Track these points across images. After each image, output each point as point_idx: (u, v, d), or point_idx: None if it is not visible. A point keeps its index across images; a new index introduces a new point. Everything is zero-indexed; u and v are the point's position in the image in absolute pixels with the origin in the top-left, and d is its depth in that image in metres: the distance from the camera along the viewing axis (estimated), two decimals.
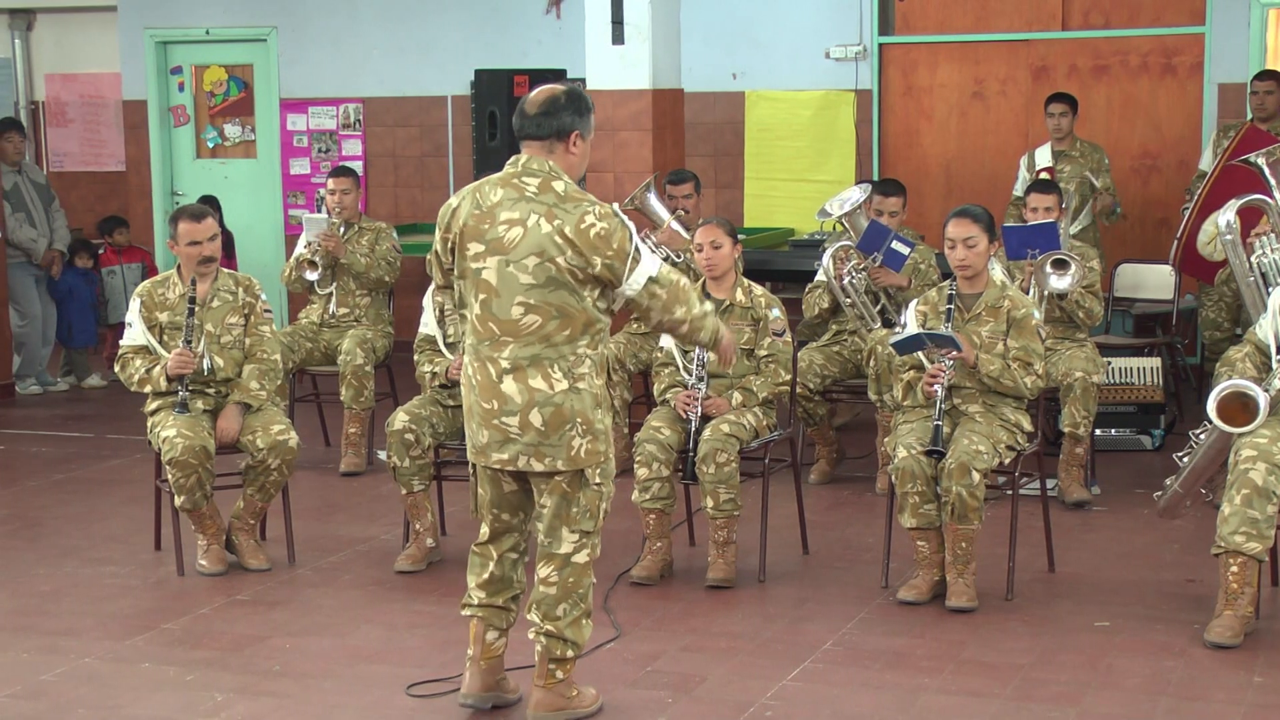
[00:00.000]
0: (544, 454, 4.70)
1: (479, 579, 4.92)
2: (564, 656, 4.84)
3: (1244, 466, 5.48)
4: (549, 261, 4.63)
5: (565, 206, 4.65)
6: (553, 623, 4.80)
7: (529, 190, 4.68)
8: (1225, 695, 5.09)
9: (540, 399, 4.67)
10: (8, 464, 8.72)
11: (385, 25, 11.96)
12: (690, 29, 10.29)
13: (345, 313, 8.56)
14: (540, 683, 4.86)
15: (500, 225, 4.67)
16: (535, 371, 4.67)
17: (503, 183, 4.72)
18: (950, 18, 10.83)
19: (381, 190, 12.11)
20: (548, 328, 4.66)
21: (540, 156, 4.72)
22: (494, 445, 4.74)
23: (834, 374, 7.79)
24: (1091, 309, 7.44)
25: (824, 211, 7.99)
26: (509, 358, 4.68)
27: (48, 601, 6.24)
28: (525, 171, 4.71)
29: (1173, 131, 10.39)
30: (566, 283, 4.65)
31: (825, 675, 5.32)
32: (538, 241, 4.63)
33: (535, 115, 4.70)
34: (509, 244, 4.65)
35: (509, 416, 4.69)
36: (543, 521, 4.81)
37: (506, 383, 4.69)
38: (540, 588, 4.81)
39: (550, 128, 4.70)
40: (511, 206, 4.67)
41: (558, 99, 4.71)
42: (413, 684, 5.21)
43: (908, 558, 6.17)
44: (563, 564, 4.79)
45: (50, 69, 14.13)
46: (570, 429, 4.69)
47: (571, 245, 4.62)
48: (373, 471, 8.22)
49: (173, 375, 6.45)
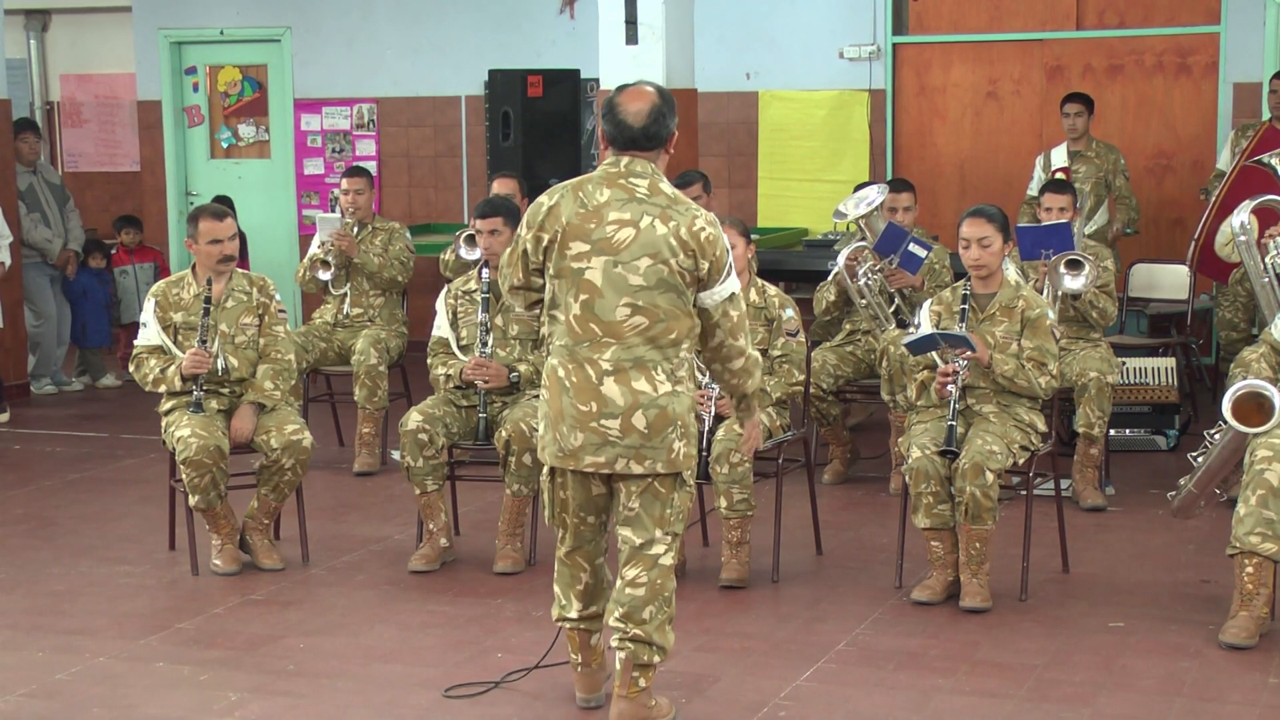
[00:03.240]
0: (644, 456, 4.63)
1: (574, 590, 4.86)
2: (649, 662, 4.73)
3: (1259, 467, 5.47)
4: (662, 263, 4.59)
5: (678, 209, 4.63)
6: (639, 626, 4.69)
7: (639, 192, 4.63)
8: (1240, 696, 5.08)
9: (645, 401, 4.60)
10: (23, 463, 8.74)
11: (399, 25, 11.98)
12: (704, 29, 10.29)
13: (359, 313, 8.57)
14: (623, 692, 4.74)
15: (609, 225, 4.60)
16: (639, 374, 4.61)
17: (608, 182, 4.65)
18: (964, 17, 10.82)
19: (395, 190, 12.12)
20: (654, 330, 4.61)
21: (644, 160, 4.68)
22: (589, 448, 4.65)
23: (847, 374, 7.78)
24: (1105, 309, 7.43)
25: (839, 212, 7.98)
26: (611, 359, 4.61)
27: (62, 601, 6.26)
28: (630, 173, 4.65)
29: (1187, 131, 10.37)
30: (676, 285, 4.61)
31: (839, 676, 5.31)
32: (652, 242, 4.59)
33: (644, 127, 4.64)
34: (619, 244, 4.59)
35: (609, 419, 4.61)
36: (632, 525, 4.72)
37: (608, 385, 4.61)
38: (627, 589, 4.72)
39: (660, 138, 4.68)
40: (621, 207, 4.61)
41: (660, 108, 4.66)
42: (450, 687, 5.20)
43: (921, 558, 6.16)
44: (652, 564, 4.71)
45: (65, 69, 14.19)
46: (672, 432, 4.64)
47: (685, 247, 4.60)
48: (386, 471, 8.23)
49: (187, 375, 6.46)
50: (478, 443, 6.57)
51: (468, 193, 11.89)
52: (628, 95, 4.70)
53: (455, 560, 6.63)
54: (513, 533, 6.48)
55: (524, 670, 5.28)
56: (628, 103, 4.67)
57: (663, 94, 4.71)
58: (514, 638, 5.69)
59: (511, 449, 6.35)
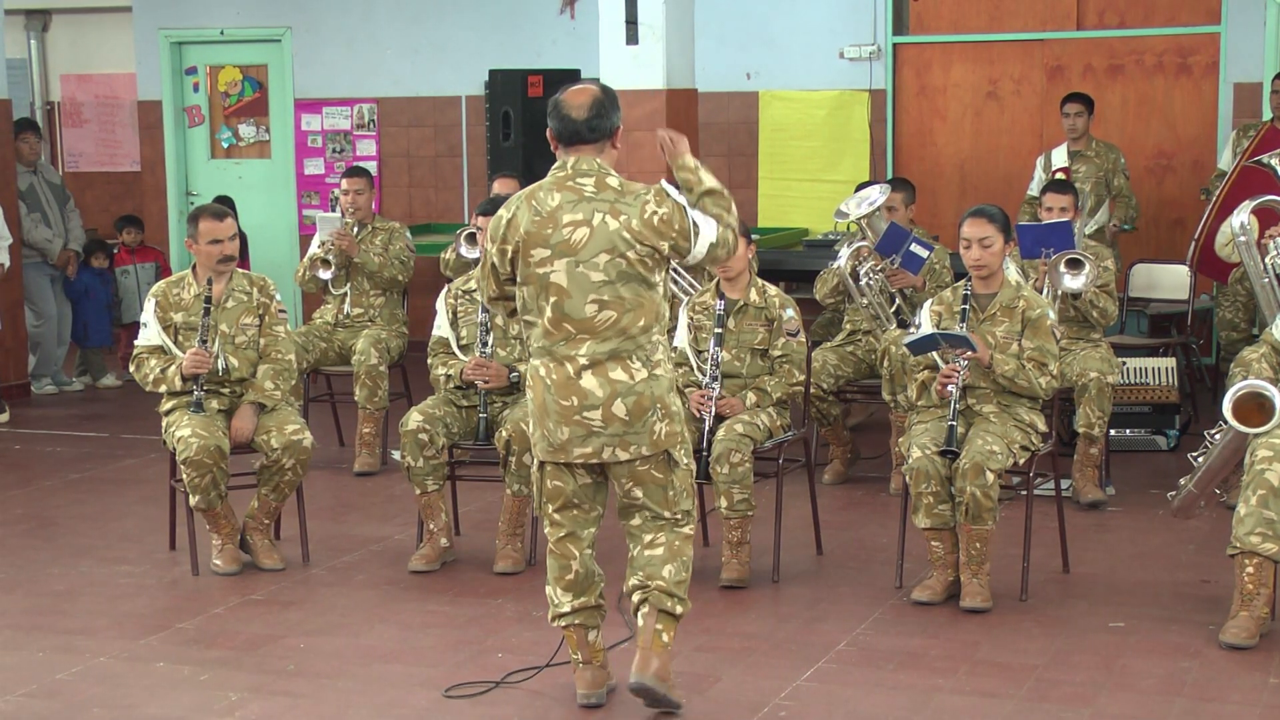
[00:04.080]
0: (629, 442, 4.79)
1: (563, 581, 4.94)
2: (671, 611, 4.86)
3: (1260, 467, 5.47)
4: (619, 257, 4.74)
5: (626, 200, 4.77)
6: (659, 580, 4.84)
7: (587, 190, 4.78)
8: (1241, 696, 5.08)
9: (623, 390, 4.76)
10: (23, 463, 8.74)
11: (399, 25, 11.98)
12: (704, 29, 10.29)
13: (359, 313, 8.57)
14: (646, 644, 4.85)
15: (565, 228, 4.75)
16: (615, 364, 4.77)
17: (557, 187, 4.81)
18: (964, 17, 10.82)
19: (395, 190, 12.13)
20: (623, 321, 4.76)
21: (590, 156, 4.82)
22: (576, 441, 4.80)
23: (848, 374, 7.78)
24: (1106, 309, 7.43)
25: (841, 212, 7.97)
26: (587, 354, 4.77)
27: (62, 601, 6.26)
28: (577, 173, 4.80)
29: (1188, 131, 10.37)
30: (638, 275, 4.76)
31: (839, 676, 5.31)
32: (607, 238, 4.73)
33: (587, 120, 4.78)
34: (576, 245, 4.74)
35: (591, 411, 4.77)
36: (637, 514, 4.89)
37: (586, 378, 4.76)
38: (645, 552, 4.88)
39: (603, 130, 4.81)
40: (573, 208, 4.76)
41: (602, 101, 4.81)
42: (451, 687, 5.20)
43: (922, 558, 6.16)
44: (669, 529, 4.89)
45: (65, 69, 14.19)
46: (651, 415, 4.79)
47: (640, 237, 4.74)
48: (387, 471, 8.23)
49: (188, 375, 6.47)
50: (478, 443, 6.58)
51: (468, 193, 11.89)
52: (571, 92, 4.87)
53: (455, 560, 6.63)
54: (513, 533, 6.48)
55: (533, 670, 5.28)
56: (571, 99, 4.84)
57: (605, 89, 4.89)
58: (514, 638, 5.69)
59: (512, 449, 6.35)
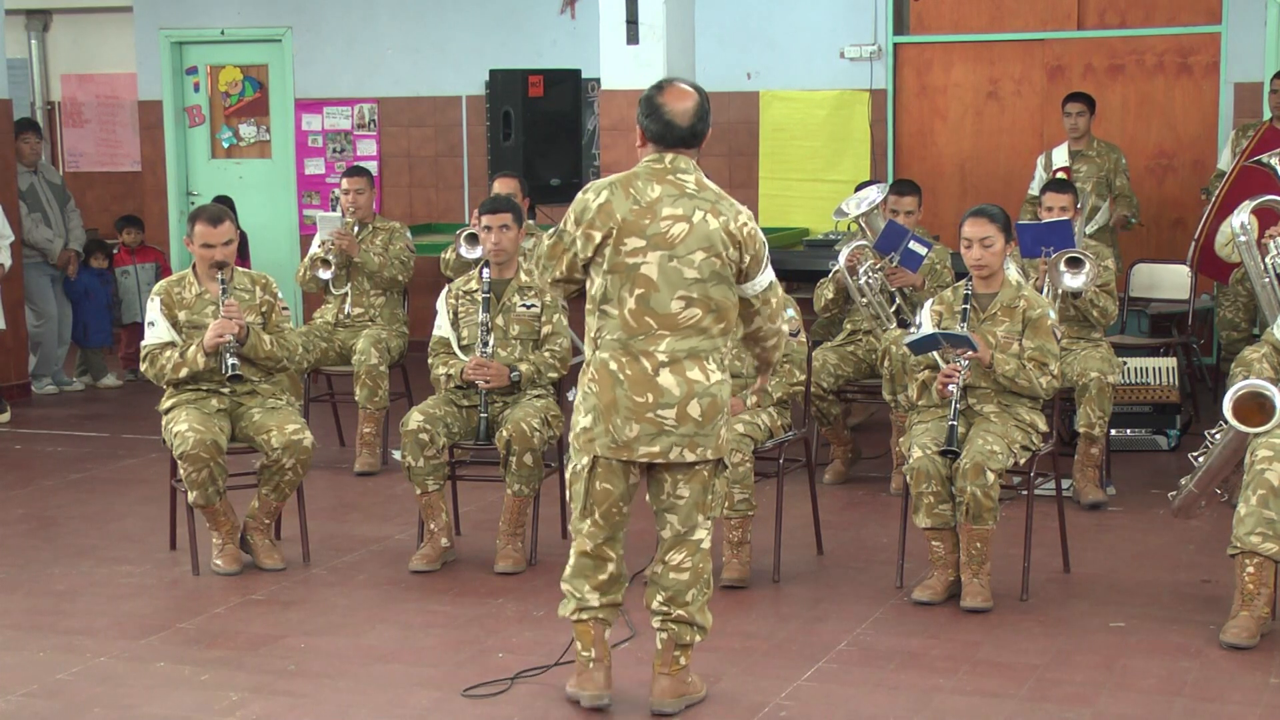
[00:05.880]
0: (697, 444, 4.77)
1: (594, 581, 4.90)
2: (691, 642, 4.92)
3: (1260, 467, 5.47)
4: (715, 256, 4.71)
5: (725, 204, 4.77)
6: (683, 608, 4.87)
7: (689, 187, 4.74)
8: (1241, 696, 5.08)
9: (699, 390, 4.73)
10: (24, 463, 8.74)
11: (400, 25, 11.98)
12: (704, 29, 10.30)
13: (360, 313, 8.57)
14: (665, 670, 4.93)
15: (664, 220, 4.70)
16: (693, 364, 4.73)
17: (656, 179, 4.75)
18: (965, 17, 10.82)
19: (396, 190, 12.13)
20: (705, 321, 4.73)
21: (687, 157, 4.79)
22: (644, 439, 4.75)
23: (848, 374, 7.78)
24: (1106, 308, 7.43)
25: (840, 211, 7.98)
26: (666, 351, 4.72)
27: (63, 600, 6.26)
28: (676, 169, 4.76)
29: (1188, 131, 10.37)
30: (726, 277, 4.75)
31: (840, 675, 5.31)
32: (705, 236, 4.70)
33: (692, 126, 4.75)
34: (674, 239, 4.69)
35: (665, 409, 4.72)
36: (679, 512, 4.86)
37: (664, 375, 4.72)
38: (671, 574, 4.87)
39: (704, 135, 4.80)
40: (674, 203, 4.72)
41: (704, 106, 4.77)
42: (469, 687, 5.19)
43: (922, 558, 6.16)
44: (695, 549, 4.87)
45: (66, 69, 14.19)
46: (720, 418, 4.79)
47: (733, 240, 4.72)
48: (387, 471, 8.23)
49: (210, 348, 6.43)
50: (478, 443, 6.57)
51: (468, 193, 11.89)
52: (671, 94, 4.77)
53: (456, 560, 6.63)
54: (513, 533, 6.48)
55: (542, 669, 5.28)
56: (673, 102, 4.75)
57: (702, 93, 4.83)
58: (514, 638, 5.70)
59: (512, 449, 6.35)
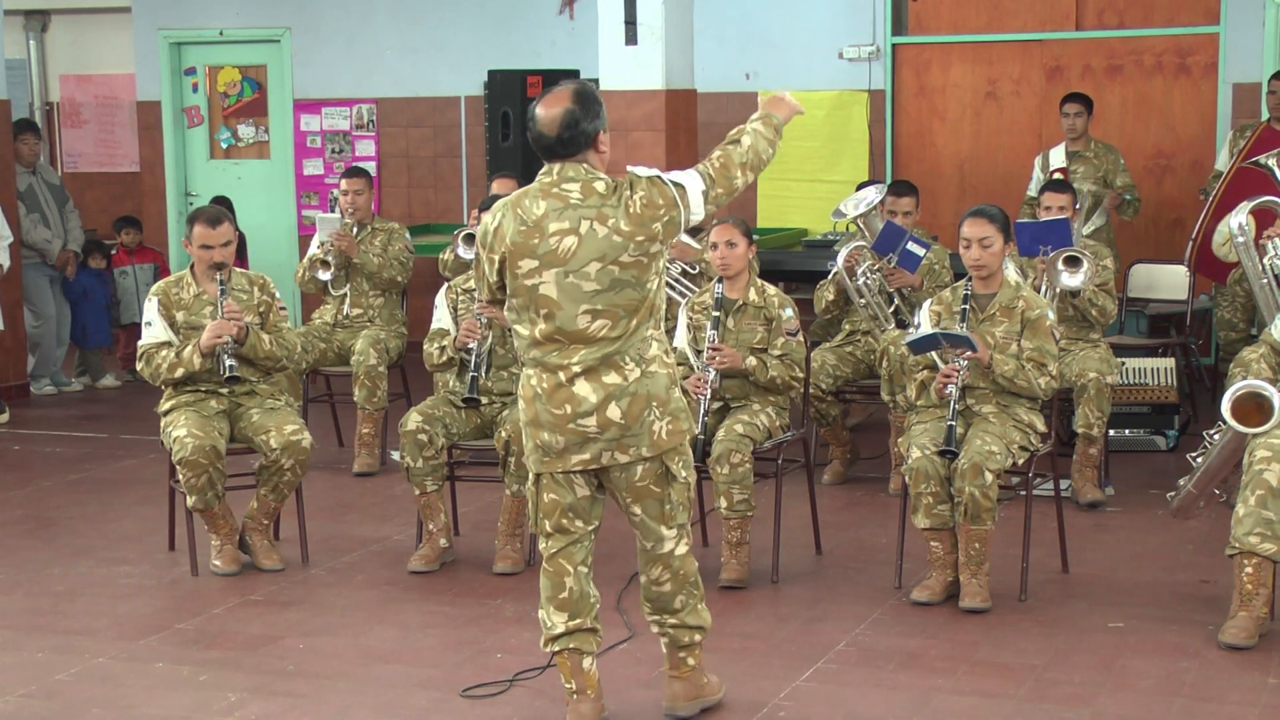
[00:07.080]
0: (627, 445, 4.64)
1: (556, 600, 4.75)
2: (692, 642, 4.89)
3: (1259, 467, 5.47)
4: (611, 264, 4.55)
5: (610, 203, 4.55)
6: (674, 615, 4.85)
7: (573, 198, 4.56)
8: (1240, 696, 5.08)
9: (617, 392, 4.60)
10: (23, 464, 8.74)
11: (399, 26, 11.98)
12: (704, 29, 10.30)
13: (359, 313, 8.57)
14: (674, 673, 4.91)
15: (551, 237, 4.55)
16: (608, 369, 4.60)
17: (542, 194, 4.59)
18: (963, 18, 10.82)
19: (395, 191, 12.13)
20: (617, 329, 4.59)
21: (574, 164, 4.61)
22: (572, 449, 4.65)
23: (847, 374, 7.78)
24: (1105, 307, 7.43)
25: (838, 212, 7.98)
26: (580, 361, 4.59)
27: (62, 601, 6.26)
28: (563, 179, 4.59)
29: (1187, 132, 10.37)
30: (631, 279, 4.57)
31: (838, 676, 5.31)
32: (596, 247, 4.54)
33: (559, 136, 4.55)
34: (565, 254, 4.54)
35: (585, 418, 4.61)
36: (640, 529, 4.79)
37: (579, 385, 4.59)
38: (653, 588, 4.83)
39: (577, 142, 4.57)
40: (559, 216, 4.56)
41: (573, 112, 4.54)
42: (468, 688, 5.20)
43: (921, 558, 6.16)
44: (668, 561, 4.81)
45: (65, 70, 14.18)
46: (648, 414, 4.63)
47: (630, 236, 4.55)
48: (386, 472, 8.23)
49: (207, 349, 6.43)
50: (468, 396, 6.52)
51: (467, 193, 11.89)
52: (544, 102, 4.60)
53: (455, 560, 6.63)
54: (512, 533, 6.49)
55: (540, 670, 5.28)
56: (542, 112, 4.58)
57: (579, 96, 4.58)
58: (513, 638, 5.70)
59: (511, 449, 6.35)
